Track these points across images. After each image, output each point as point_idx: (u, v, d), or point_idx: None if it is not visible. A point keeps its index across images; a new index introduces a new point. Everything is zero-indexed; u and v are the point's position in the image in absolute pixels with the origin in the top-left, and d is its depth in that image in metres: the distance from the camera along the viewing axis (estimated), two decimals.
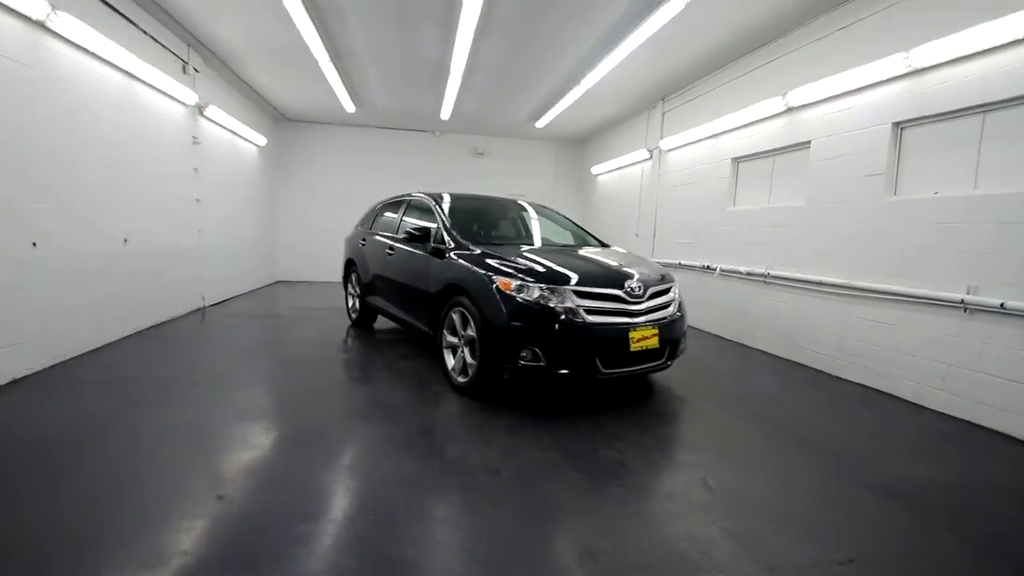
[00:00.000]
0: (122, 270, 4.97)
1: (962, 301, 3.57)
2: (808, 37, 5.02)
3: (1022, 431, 3.28)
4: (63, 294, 4.13)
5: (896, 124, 4.18)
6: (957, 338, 3.65)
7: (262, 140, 8.91)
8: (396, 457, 2.72)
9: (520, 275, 3.40)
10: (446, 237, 4.21)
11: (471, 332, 3.57)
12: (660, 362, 3.64)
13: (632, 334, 3.37)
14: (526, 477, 2.54)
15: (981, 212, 3.54)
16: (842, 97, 4.65)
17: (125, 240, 5.02)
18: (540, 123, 9.55)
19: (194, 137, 6.48)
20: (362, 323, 6.08)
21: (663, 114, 7.95)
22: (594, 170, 10.73)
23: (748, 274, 5.81)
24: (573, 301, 3.30)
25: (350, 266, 6.30)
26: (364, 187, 10.95)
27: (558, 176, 11.78)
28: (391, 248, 5.03)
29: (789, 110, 5.26)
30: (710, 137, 6.64)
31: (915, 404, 3.93)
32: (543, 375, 3.29)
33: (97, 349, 4.55)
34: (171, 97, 5.82)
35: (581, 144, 11.74)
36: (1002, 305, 3.32)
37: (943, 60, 3.76)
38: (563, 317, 3.24)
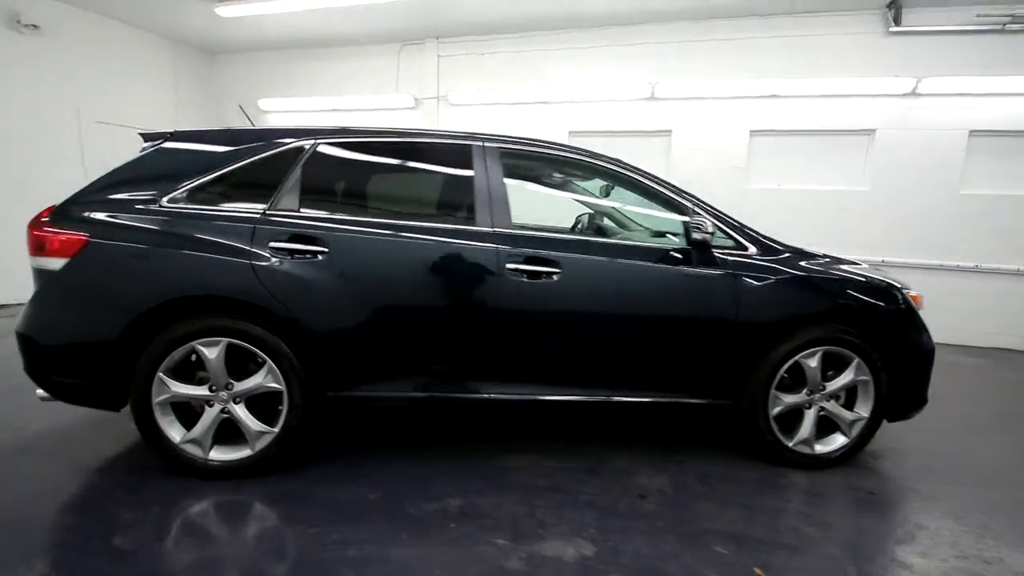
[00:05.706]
0: None
1: None
2: (676, 36, 5.69)
3: None
4: None
5: (751, 132, 5.69)
6: None
7: None
8: None
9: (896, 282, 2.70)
10: (742, 239, 2.50)
11: (857, 377, 2.48)
12: None
13: None
14: None
15: (821, 201, 5.58)
16: (708, 100, 5.72)
17: None
18: (225, 11, 5.55)
19: None
20: (275, 464, 2.29)
21: (439, 57, 6.54)
22: (266, 105, 7.32)
23: None
24: None
25: (167, 328, 2.13)
26: None
27: (183, 99, 7.20)
28: (543, 265, 2.27)
29: (653, 98, 5.85)
30: (540, 103, 6.23)
31: None
32: None
33: None
34: None
35: (212, 57, 7.57)
36: None
37: (791, 95, 5.48)
38: None
